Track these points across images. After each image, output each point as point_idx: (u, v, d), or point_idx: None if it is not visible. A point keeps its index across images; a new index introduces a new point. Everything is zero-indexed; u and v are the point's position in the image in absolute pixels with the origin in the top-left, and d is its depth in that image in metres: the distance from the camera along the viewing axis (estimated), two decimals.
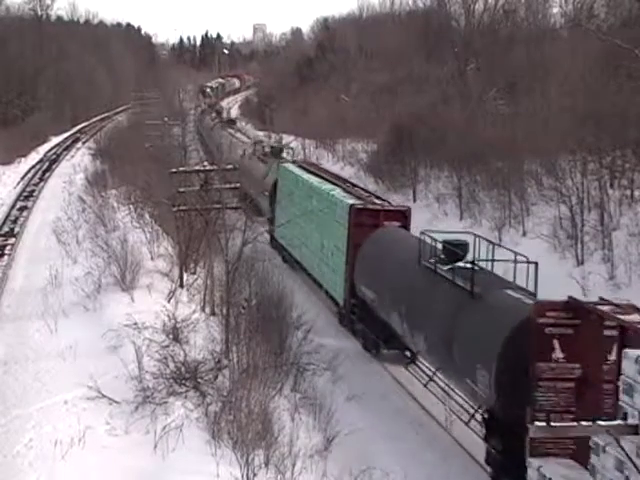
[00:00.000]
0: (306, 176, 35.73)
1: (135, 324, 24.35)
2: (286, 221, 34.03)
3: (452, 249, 21.90)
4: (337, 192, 31.47)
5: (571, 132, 36.90)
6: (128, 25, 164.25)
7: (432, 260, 22.43)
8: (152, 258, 32.10)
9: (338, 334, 29.35)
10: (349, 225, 28.51)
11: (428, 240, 23.21)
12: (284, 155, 46.26)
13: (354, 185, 34.60)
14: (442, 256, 22.26)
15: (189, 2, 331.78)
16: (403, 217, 28.50)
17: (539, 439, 15.09)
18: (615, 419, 12.51)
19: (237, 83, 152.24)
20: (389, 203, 30.95)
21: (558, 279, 31.22)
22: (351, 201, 29.45)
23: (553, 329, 16.24)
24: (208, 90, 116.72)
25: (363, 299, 27.47)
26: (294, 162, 40.82)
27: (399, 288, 23.89)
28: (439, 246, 22.59)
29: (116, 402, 20.08)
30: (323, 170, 38.56)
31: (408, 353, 25.71)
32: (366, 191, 33.55)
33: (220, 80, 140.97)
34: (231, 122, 69.39)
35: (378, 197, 32.03)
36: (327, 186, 32.98)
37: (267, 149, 47.18)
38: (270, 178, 41.05)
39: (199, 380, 20.58)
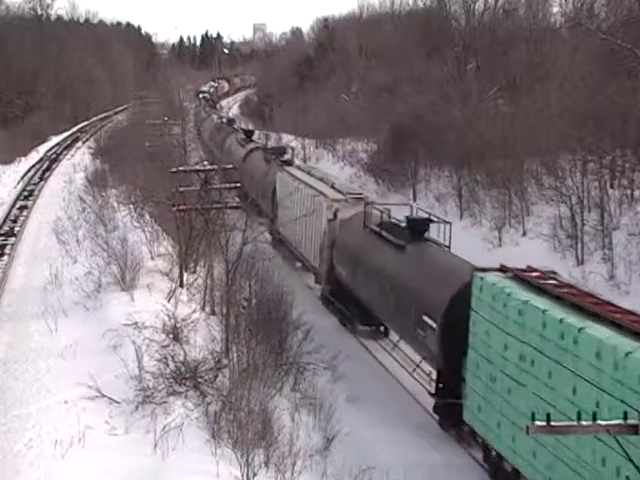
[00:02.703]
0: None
1: (135, 324, 24.36)
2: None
3: None
4: None
5: (571, 132, 36.88)
6: (128, 24, 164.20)
7: None
8: (152, 258, 32.10)
9: None
10: None
11: None
12: (427, 234, 27.13)
13: None
14: None
15: (189, 1, 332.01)
16: None
17: None
18: None
19: (226, 86, 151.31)
20: None
21: None
22: None
23: None
24: (207, 95, 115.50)
25: None
26: (502, 270, 20.60)
27: None
28: None
29: (116, 402, 20.07)
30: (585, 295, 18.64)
31: None
32: None
33: (212, 83, 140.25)
34: (280, 152, 47.00)
35: None
36: None
37: (392, 219, 29.72)
38: (432, 292, 23.47)
39: (199, 380, 20.58)
